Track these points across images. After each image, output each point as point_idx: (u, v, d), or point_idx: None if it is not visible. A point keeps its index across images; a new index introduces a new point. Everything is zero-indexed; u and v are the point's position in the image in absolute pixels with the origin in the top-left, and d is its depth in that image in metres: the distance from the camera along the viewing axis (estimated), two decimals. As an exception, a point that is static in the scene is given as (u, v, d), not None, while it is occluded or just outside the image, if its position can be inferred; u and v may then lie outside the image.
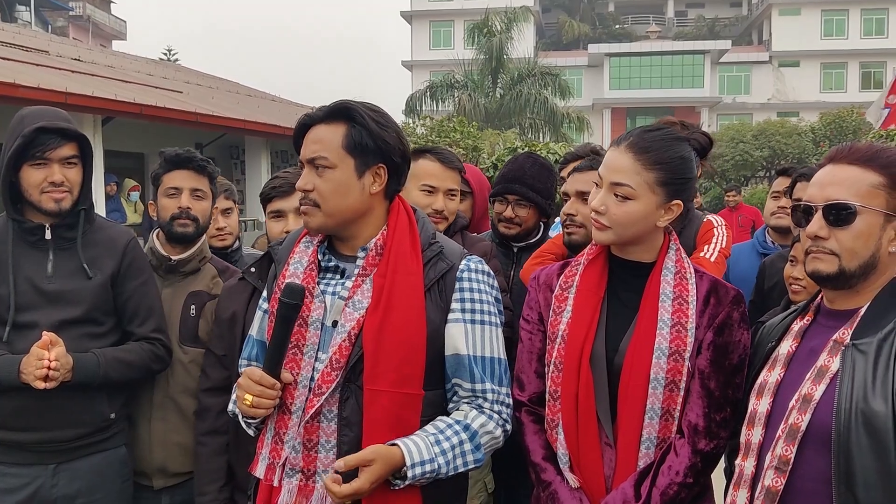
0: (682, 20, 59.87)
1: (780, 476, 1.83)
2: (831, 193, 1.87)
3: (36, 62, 13.25)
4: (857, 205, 1.84)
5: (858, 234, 1.85)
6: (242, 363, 2.26)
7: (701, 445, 2.08)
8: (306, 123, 2.11)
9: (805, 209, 1.93)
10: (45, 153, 2.62)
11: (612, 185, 2.14)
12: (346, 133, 2.06)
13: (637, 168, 2.12)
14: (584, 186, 2.84)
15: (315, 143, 2.07)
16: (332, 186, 2.05)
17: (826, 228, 1.87)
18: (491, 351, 2.10)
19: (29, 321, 2.59)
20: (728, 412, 2.12)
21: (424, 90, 31.30)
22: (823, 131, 29.29)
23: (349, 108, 2.08)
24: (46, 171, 2.63)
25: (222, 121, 14.19)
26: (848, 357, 1.81)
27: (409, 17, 53.43)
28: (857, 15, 49.57)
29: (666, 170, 2.13)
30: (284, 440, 2.03)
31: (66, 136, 2.67)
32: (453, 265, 2.12)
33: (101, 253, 2.74)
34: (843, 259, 1.86)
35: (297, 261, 2.13)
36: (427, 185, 3.04)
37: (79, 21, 51.36)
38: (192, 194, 2.98)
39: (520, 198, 3.28)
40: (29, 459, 2.62)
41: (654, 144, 2.15)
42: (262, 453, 2.08)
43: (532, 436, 2.24)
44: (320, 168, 2.05)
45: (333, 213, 2.06)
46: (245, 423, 2.12)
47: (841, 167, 1.90)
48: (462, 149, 15.56)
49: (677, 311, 2.14)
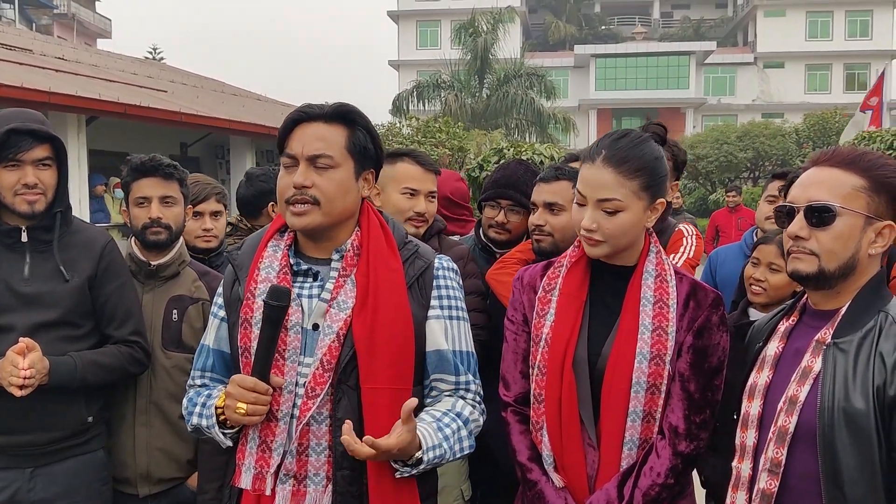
0: (667, 21, 60.13)
1: (774, 478, 1.86)
2: (813, 195, 1.90)
3: (20, 61, 13.15)
4: (837, 206, 1.86)
5: (838, 235, 1.87)
6: (196, 374, 2.22)
7: (681, 447, 2.13)
8: (302, 119, 2.06)
9: (788, 210, 1.95)
10: (18, 155, 2.59)
11: (599, 201, 2.15)
12: (348, 135, 2.06)
13: (619, 180, 2.14)
14: (551, 197, 2.90)
15: (318, 140, 2.03)
16: (335, 186, 2.03)
17: (807, 229, 1.89)
18: (467, 345, 2.16)
19: (5, 324, 2.57)
20: (707, 413, 2.17)
21: (411, 90, 31.29)
22: (807, 133, 29.52)
23: (352, 111, 2.09)
24: (19, 174, 2.60)
25: (207, 120, 14.11)
26: (829, 356, 1.84)
27: (395, 17, 53.40)
28: (841, 17, 49.90)
29: (646, 174, 2.16)
30: (273, 447, 2.00)
31: (39, 138, 2.63)
32: (430, 263, 2.15)
33: (78, 255, 2.72)
34: (823, 259, 1.88)
35: (267, 265, 2.08)
36: (409, 187, 3.04)
37: (63, 19, 51.10)
38: (162, 202, 2.96)
39: (513, 203, 3.27)
40: (5, 463, 2.61)
41: (630, 153, 2.16)
42: (244, 463, 2.03)
43: (518, 436, 2.27)
44: (323, 167, 2.03)
45: (331, 213, 2.04)
46: (222, 434, 2.05)
47: (823, 169, 1.93)
48: (448, 149, 15.58)
49: (658, 314, 2.16)
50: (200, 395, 2.15)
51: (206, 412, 2.08)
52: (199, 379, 2.21)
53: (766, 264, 3.07)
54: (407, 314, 2.04)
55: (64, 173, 2.73)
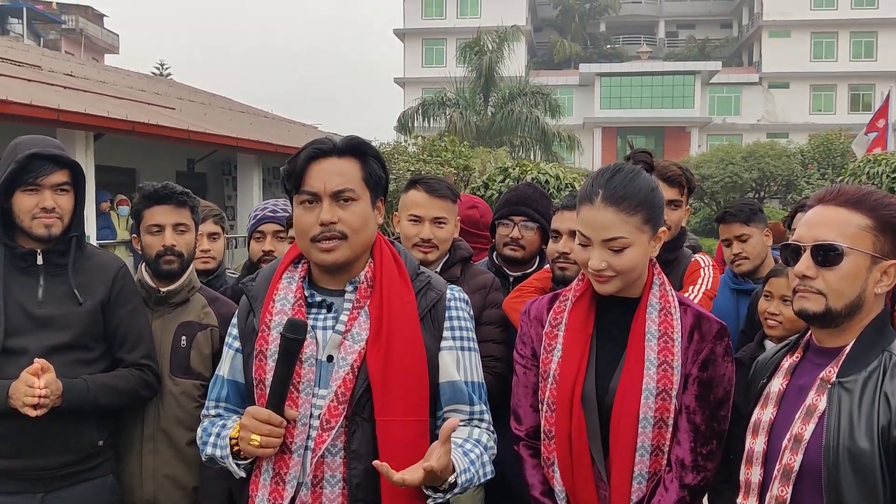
0: (672, 41, 60.30)
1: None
2: (819, 234, 1.90)
3: (28, 77, 13.24)
4: (844, 246, 1.87)
5: (845, 274, 1.87)
6: (211, 404, 2.23)
7: (688, 480, 2.14)
8: (317, 156, 2.06)
9: (794, 248, 1.95)
10: (38, 179, 2.63)
11: (605, 241, 2.16)
12: (362, 167, 2.08)
13: (622, 218, 2.15)
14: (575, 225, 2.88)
15: (338, 175, 2.04)
16: (360, 219, 2.05)
17: (814, 268, 1.90)
18: (477, 376, 2.18)
19: (18, 346, 2.58)
20: (714, 444, 2.17)
21: (417, 107, 31.38)
22: (812, 153, 29.49)
23: (362, 143, 2.12)
24: (38, 198, 2.64)
25: (214, 137, 14.18)
26: (834, 395, 1.84)
27: (402, 35, 53.66)
28: (846, 38, 50.02)
29: (646, 208, 2.17)
30: (286, 479, 2.01)
31: (59, 163, 2.67)
32: (442, 294, 2.16)
33: (91, 279, 2.74)
34: (830, 299, 1.88)
35: (282, 297, 2.10)
36: (413, 214, 3.07)
37: (71, 34, 51.38)
38: (175, 229, 2.97)
39: (526, 218, 3.31)
40: (16, 487, 2.60)
41: (627, 189, 2.17)
42: (257, 495, 2.04)
43: (531, 470, 2.29)
44: (347, 200, 2.04)
45: (356, 246, 2.06)
46: (235, 465, 2.06)
47: (829, 208, 1.93)
48: (453, 167, 15.60)
49: (663, 349, 2.17)
50: (215, 426, 2.16)
51: (221, 442, 2.10)
52: (213, 409, 2.22)
53: (778, 297, 3.07)
54: (420, 346, 2.06)
55: (81, 199, 2.76)
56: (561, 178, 11.70)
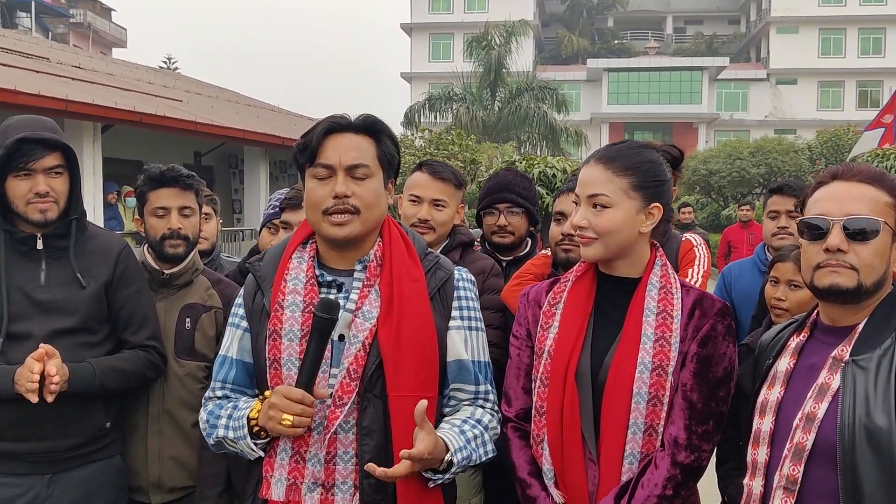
0: (680, 37, 60.12)
1: (790, 496, 1.85)
2: (852, 208, 1.88)
3: (37, 69, 13.27)
4: (881, 220, 1.86)
5: (877, 249, 1.86)
6: (217, 385, 2.19)
7: (681, 458, 2.08)
8: (334, 130, 2.08)
9: (819, 224, 1.91)
10: (29, 164, 2.59)
11: (589, 198, 2.18)
12: (377, 146, 2.11)
13: (609, 176, 2.16)
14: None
15: (354, 150, 2.06)
16: (373, 195, 2.07)
17: (846, 242, 1.87)
18: (484, 355, 2.19)
19: (22, 331, 2.58)
20: (711, 425, 2.12)
21: (423, 102, 31.36)
22: (820, 149, 29.38)
23: (379, 122, 2.14)
24: (31, 182, 2.60)
25: (221, 130, 14.20)
26: (848, 374, 1.83)
27: (408, 30, 53.60)
28: (854, 34, 49.83)
29: (637, 174, 2.17)
30: (307, 458, 2.02)
31: (50, 146, 2.63)
32: (451, 274, 2.18)
33: (94, 261, 2.73)
34: (862, 274, 1.86)
35: (293, 277, 2.10)
36: (413, 194, 3.10)
37: (79, 28, 51.46)
38: (181, 213, 2.96)
39: (511, 205, 3.33)
40: (24, 469, 2.61)
41: (622, 153, 2.20)
42: (274, 476, 2.03)
43: (518, 451, 2.26)
44: (360, 176, 2.06)
45: (368, 222, 2.07)
46: (252, 447, 2.03)
47: (853, 185, 1.91)
48: (460, 161, 15.61)
49: (661, 325, 2.15)
50: (223, 408, 2.14)
51: (235, 424, 2.07)
52: (219, 390, 2.19)
53: (784, 282, 3.05)
54: (430, 323, 2.07)
55: (76, 180, 2.73)
56: (568, 171, 11.70)
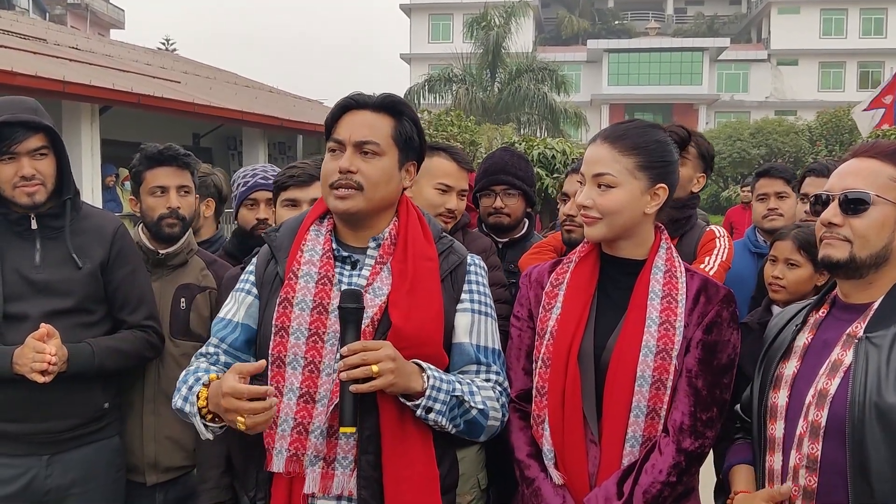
0: (681, 17, 59.84)
1: (813, 475, 1.86)
2: (849, 183, 1.92)
3: (34, 50, 13.19)
4: (872, 194, 1.88)
5: (872, 222, 1.88)
6: (213, 342, 2.18)
7: (685, 444, 2.08)
8: (351, 106, 2.11)
9: (825, 199, 1.96)
10: (12, 147, 2.56)
11: (594, 177, 2.17)
12: (395, 125, 2.11)
13: (614, 156, 2.15)
14: None
15: (365, 127, 2.08)
16: (379, 173, 2.08)
17: (840, 216, 1.91)
18: (494, 342, 2.19)
19: (18, 312, 2.57)
20: (715, 412, 2.12)
21: (423, 84, 31.24)
22: (820, 130, 29.36)
23: (399, 101, 2.14)
24: (16, 166, 2.58)
25: (220, 111, 14.14)
26: (861, 350, 1.84)
27: (408, 10, 53.31)
28: (855, 15, 49.57)
29: (643, 153, 2.16)
30: (310, 430, 2.02)
31: (32, 128, 2.59)
32: (464, 259, 2.20)
33: (89, 241, 2.71)
34: (855, 246, 1.89)
35: (310, 248, 2.12)
36: (443, 183, 3.01)
37: (77, 9, 51.16)
38: (178, 192, 2.95)
39: (507, 187, 3.32)
40: (22, 450, 2.61)
41: (629, 132, 2.19)
42: (276, 447, 2.03)
43: (517, 432, 2.25)
44: (369, 153, 2.07)
45: (373, 199, 2.08)
46: (201, 428, 1.99)
47: (862, 160, 1.95)
48: (460, 142, 15.56)
49: (666, 308, 2.14)
50: (190, 375, 2.11)
51: (191, 398, 2.04)
52: (212, 347, 2.19)
53: (783, 261, 3.06)
54: (439, 302, 2.09)
55: (64, 160, 2.70)
56: (567, 153, 11.68)
